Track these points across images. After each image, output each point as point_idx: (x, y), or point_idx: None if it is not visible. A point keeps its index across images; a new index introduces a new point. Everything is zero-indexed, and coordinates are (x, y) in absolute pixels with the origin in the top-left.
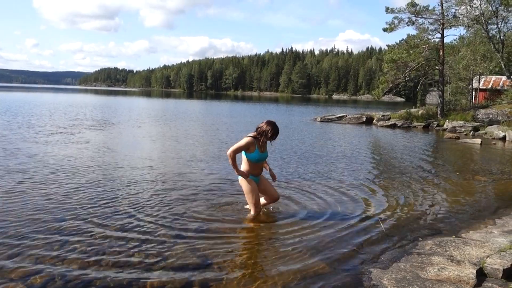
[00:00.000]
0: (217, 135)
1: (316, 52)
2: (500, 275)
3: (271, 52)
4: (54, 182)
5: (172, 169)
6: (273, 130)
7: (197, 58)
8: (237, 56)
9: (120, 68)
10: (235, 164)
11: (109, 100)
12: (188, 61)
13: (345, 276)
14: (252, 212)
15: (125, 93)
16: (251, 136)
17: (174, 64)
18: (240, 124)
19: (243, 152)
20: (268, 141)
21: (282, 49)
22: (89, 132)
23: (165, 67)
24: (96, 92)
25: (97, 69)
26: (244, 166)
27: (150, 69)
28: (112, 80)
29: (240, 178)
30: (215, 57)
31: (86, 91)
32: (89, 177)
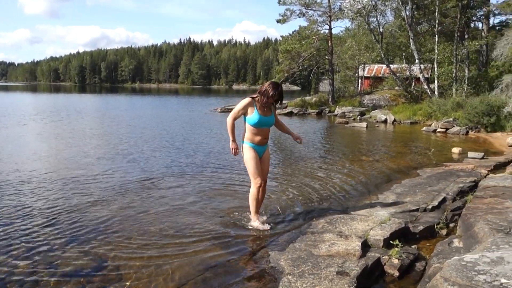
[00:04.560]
0: (117, 131)
1: (215, 43)
2: (381, 244)
3: (169, 43)
4: None
5: (66, 171)
6: (273, 88)
7: (88, 49)
8: (132, 47)
9: None
10: (231, 131)
11: None
12: (78, 52)
13: (244, 262)
14: (252, 185)
15: (6, 89)
16: (249, 97)
17: (63, 55)
18: (141, 119)
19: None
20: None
21: (180, 39)
22: None
23: (52, 59)
24: None
25: None
26: (246, 133)
27: (35, 61)
28: None
29: (242, 146)
30: (108, 48)
31: None
32: None
